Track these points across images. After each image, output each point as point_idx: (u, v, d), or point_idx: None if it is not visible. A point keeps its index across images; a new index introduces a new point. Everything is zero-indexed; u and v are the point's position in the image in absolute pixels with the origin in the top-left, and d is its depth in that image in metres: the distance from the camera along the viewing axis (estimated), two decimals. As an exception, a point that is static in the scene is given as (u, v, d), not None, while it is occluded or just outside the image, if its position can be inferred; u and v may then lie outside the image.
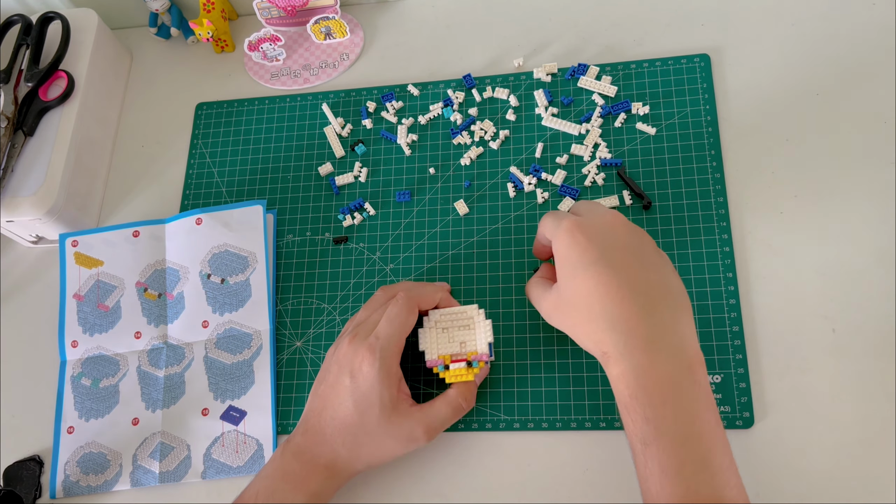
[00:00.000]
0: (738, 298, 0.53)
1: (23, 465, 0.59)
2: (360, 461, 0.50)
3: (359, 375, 0.49)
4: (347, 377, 0.49)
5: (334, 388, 0.50)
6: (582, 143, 0.61)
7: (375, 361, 0.49)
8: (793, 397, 0.50)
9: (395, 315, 0.50)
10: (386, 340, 0.49)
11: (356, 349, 0.50)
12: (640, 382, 0.42)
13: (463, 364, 0.51)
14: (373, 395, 0.48)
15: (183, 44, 0.75)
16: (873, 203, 0.54)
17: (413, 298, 0.52)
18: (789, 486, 0.48)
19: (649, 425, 0.41)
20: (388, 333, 0.50)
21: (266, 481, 0.49)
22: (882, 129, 0.56)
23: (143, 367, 0.60)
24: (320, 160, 0.66)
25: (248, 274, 0.61)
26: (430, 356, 0.52)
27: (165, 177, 0.68)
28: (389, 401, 0.49)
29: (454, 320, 0.52)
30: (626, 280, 0.43)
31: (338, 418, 0.49)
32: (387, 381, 0.49)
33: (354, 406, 0.49)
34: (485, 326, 0.51)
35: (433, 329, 0.52)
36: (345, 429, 0.49)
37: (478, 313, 0.52)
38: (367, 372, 0.49)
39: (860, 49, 0.59)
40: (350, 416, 0.49)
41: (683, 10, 0.64)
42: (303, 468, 0.49)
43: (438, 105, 0.65)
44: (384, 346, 0.49)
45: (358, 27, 0.71)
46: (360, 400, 0.49)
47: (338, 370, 0.50)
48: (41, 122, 0.65)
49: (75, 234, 0.64)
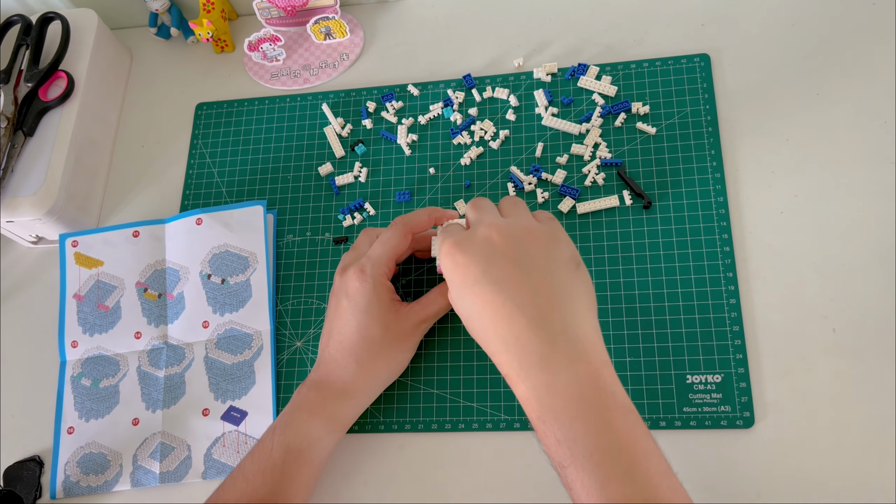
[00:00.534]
0: (738, 298, 0.53)
1: (23, 465, 0.59)
2: (376, 376, 0.52)
3: (354, 293, 0.51)
4: (344, 299, 0.51)
5: (336, 312, 0.52)
6: (582, 142, 0.61)
7: (367, 277, 0.51)
8: (793, 397, 0.50)
9: (388, 238, 0.52)
10: (377, 258, 0.51)
11: (347, 273, 0.52)
12: (544, 403, 0.40)
13: None
14: (371, 307, 0.50)
15: (183, 44, 0.75)
16: (873, 203, 0.54)
17: (407, 223, 0.53)
18: (789, 486, 0.48)
19: (562, 447, 0.38)
20: (378, 253, 0.52)
21: (282, 417, 0.50)
22: (882, 129, 0.56)
23: (143, 368, 0.60)
24: (320, 160, 0.66)
25: (249, 274, 0.61)
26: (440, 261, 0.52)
27: (165, 177, 0.68)
28: (387, 309, 0.51)
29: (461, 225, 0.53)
30: (510, 295, 0.42)
31: (345, 340, 0.51)
32: (380, 290, 0.51)
33: (357, 323, 0.51)
34: None
35: None
36: (353, 346, 0.51)
37: None
38: (360, 287, 0.51)
39: (860, 49, 0.59)
40: (355, 332, 0.51)
41: (683, 10, 0.64)
42: (318, 395, 0.51)
43: (438, 105, 0.65)
44: (374, 263, 0.51)
45: (358, 27, 0.71)
46: (361, 315, 0.51)
47: (335, 299, 0.53)
48: (41, 122, 0.65)
49: (75, 234, 0.64)
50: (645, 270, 0.55)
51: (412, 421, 0.55)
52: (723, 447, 0.50)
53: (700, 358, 0.52)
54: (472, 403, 0.54)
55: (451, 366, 0.56)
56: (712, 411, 0.51)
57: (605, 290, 0.55)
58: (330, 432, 0.50)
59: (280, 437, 0.49)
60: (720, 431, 0.50)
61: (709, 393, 0.51)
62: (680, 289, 0.54)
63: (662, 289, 0.55)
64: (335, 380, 0.51)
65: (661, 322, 0.54)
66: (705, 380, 0.52)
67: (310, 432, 0.49)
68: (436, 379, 0.55)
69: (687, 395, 0.51)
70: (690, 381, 0.52)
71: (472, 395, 0.55)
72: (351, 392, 0.51)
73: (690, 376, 0.52)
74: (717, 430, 0.50)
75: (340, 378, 0.51)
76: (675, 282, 0.55)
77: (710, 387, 0.51)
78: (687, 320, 0.53)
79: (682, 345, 0.53)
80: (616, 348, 0.54)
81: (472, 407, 0.54)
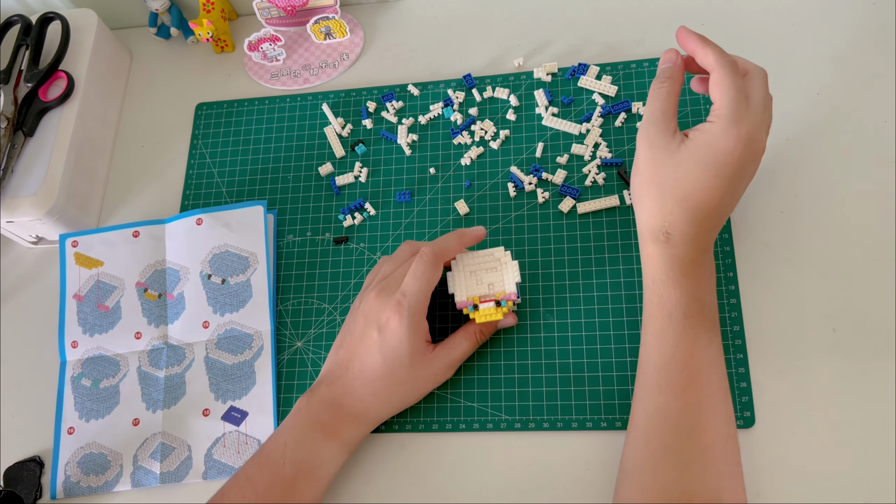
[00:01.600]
0: (738, 298, 0.53)
1: (23, 465, 0.59)
2: (391, 408, 0.53)
3: (387, 331, 0.50)
4: (375, 331, 0.51)
5: (362, 340, 0.51)
6: (582, 142, 0.61)
7: (404, 319, 0.50)
8: (793, 397, 0.50)
9: (422, 272, 0.51)
10: (414, 297, 0.50)
11: (384, 304, 0.51)
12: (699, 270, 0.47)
13: (492, 304, 0.52)
14: (401, 349, 0.50)
15: (183, 44, 0.75)
16: (873, 203, 0.54)
17: (438, 254, 0.52)
18: (789, 486, 0.48)
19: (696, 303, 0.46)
20: (415, 290, 0.51)
21: (293, 431, 0.50)
22: (882, 129, 0.56)
23: (143, 368, 0.60)
24: (320, 160, 0.66)
25: (249, 274, 0.61)
26: (459, 298, 0.53)
27: (165, 177, 0.68)
28: (417, 353, 0.51)
29: (481, 263, 0.53)
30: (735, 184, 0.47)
31: (367, 371, 0.51)
32: (415, 335, 0.50)
33: (382, 359, 0.50)
34: (512, 268, 0.52)
35: (461, 272, 0.53)
36: (374, 380, 0.51)
37: (504, 255, 0.53)
38: (396, 328, 0.50)
39: (860, 49, 0.59)
40: (378, 368, 0.50)
41: (683, 10, 0.64)
42: (333, 417, 0.51)
43: (438, 105, 0.65)
44: (412, 302, 0.50)
45: (358, 27, 0.71)
46: (389, 354, 0.50)
47: (364, 323, 0.51)
48: (41, 122, 0.65)
49: (75, 234, 0.64)
50: (645, 270, 0.55)
51: (412, 421, 0.55)
52: (723, 447, 0.50)
53: (700, 358, 0.52)
54: (473, 403, 0.54)
55: (452, 366, 0.56)
56: (712, 411, 0.51)
57: (605, 290, 0.55)
58: (342, 454, 0.51)
59: (293, 454, 0.49)
60: (720, 431, 0.50)
61: (709, 393, 0.51)
62: (680, 289, 0.54)
63: (662, 289, 0.55)
64: (350, 405, 0.51)
65: (662, 322, 0.54)
66: (705, 380, 0.52)
67: (323, 453, 0.50)
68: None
69: (687, 395, 0.51)
70: (690, 381, 0.52)
71: (472, 395, 0.55)
72: (364, 419, 0.52)
73: (690, 376, 0.52)
74: (717, 430, 0.50)
75: (355, 406, 0.51)
76: (676, 282, 0.55)
77: (710, 387, 0.51)
78: (687, 320, 0.53)
79: (683, 345, 0.53)
80: (616, 348, 0.54)
81: (472, 407, 0.54)
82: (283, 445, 0.49)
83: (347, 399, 0.51)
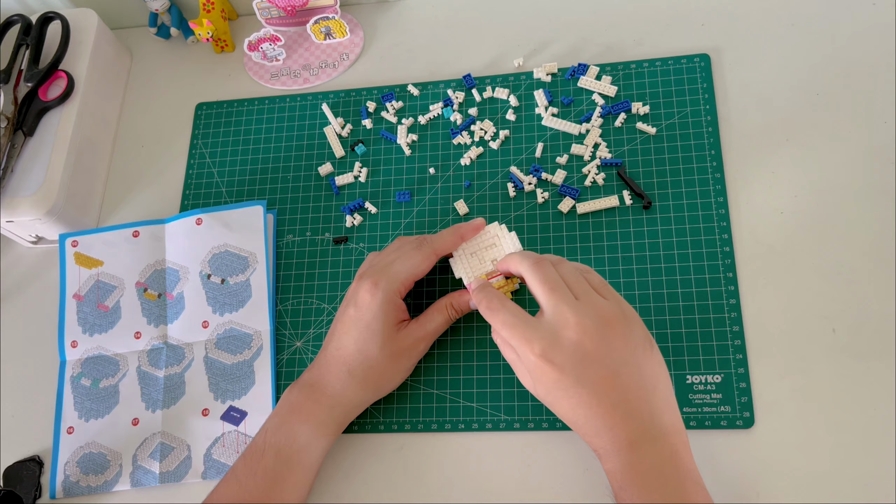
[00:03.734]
0: (738, 298, 0.53)
1: (23, 465, 0.59)
2: (367, 388, 0.52)
3: (361, 306, 0.51)
4: (352, 308, 0.52)
5: (341, 318, 0.52)
6: (582, 142, 0.61)
7: (378, 294, 0.50)
8: (793, 397, 0.50)
9: (410, 257, 0.52)
10: (393, 275, 0.51)
11: (361, 282, 0.51)
12: (628, 477, 0.43)
13: (501, 278, 0.52)
14: (374, 324, 0.50)
15: (183, 44, 0.75)
16: (873, 203, 0.54)
17: (435, 250, 0.53)
18: (789, 486, 0.48)
19: None
20: (394, 269, 0.51)
21: (274, 418, 0.51)
22: (882, 129, 0.56)
23: (142, 368, 0.60)
24: (320, 160, 0.66)
25: (249, 274, 0.61)
26: (468, 280, 0.53)
27: (165, 177, 0.68)
28: (389, 326, 0.51)
29: (481, 243, 0.54)
30: (603, 396, 0.44)
31: (342, 348, 0.51)
32: (389, 310, 0.51)
33: (357, 335, 0.51)
34: (511, 239, 0.53)
35: (463, 256, 0.54)
36: (348, 357, 0.51)
37: (500, 229, 0.53)
38: (370, 303, 0.51)
39: (860, 49, 0.59)
40: (352, 344, 0.51)
41: (683, 10, 0.64)
42: (308, 399, 0.51)
43: (438, 105, 0.65)
44: (389, 279, 0.51)
45: (358, 27, 0.71)
46: (362, 330, 0.51)
47: (345, 303, 0.53)
48: (41, 122, 0.65)
49: (75, 234, 0.64)
50: (645, 270, 0.55)
51: (412, 421, 0.55)
52: (723, 447, 0.50)
53: (700, 358, 0.52)
54: (472, 403, 0.54)
55: (451, 366, 0.56)
56: (712, 411, 0.51)
57: (605, 290, 0.55)
58: (320, 437, 0.51)
59: (272, 440, 0.49)
60: (720, 431, 0.50)
61: (709, 393, 0.51)
62: (680, 289, 0.54)
63: (662, 289, 0.55)
64: (326, 386, 0.51)
65: (661, 322, 0.54)
66: (705, 380, 0.52)
67: (300, 436, 0.50)
68: (436, 379, 0.55)
69: (687, 395, 0.51)
70: (690, 381, 0.52)
71: (472, 395, 0.55)
72: (340, 401, 0.51)
73: (690, 376, 0.52)
74: (717, 430, 0.50)
75: (331, 385, 0.51)
76: (675, 282, 0.55)
77: (710, 387, 0.51)
78: (687, 320, 0.53)
79: (682, 345, 0.53)
80: (616, 348, 0.54)
81: (472, 407, 0.54)
82: (264, 432, 0.50)
83: (324, 380, 0.51)
